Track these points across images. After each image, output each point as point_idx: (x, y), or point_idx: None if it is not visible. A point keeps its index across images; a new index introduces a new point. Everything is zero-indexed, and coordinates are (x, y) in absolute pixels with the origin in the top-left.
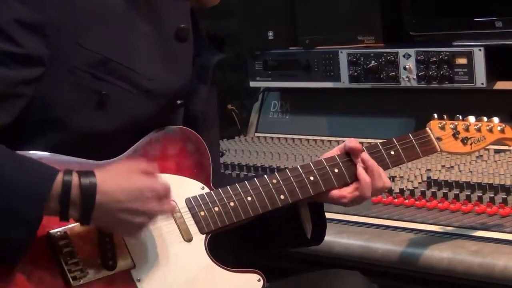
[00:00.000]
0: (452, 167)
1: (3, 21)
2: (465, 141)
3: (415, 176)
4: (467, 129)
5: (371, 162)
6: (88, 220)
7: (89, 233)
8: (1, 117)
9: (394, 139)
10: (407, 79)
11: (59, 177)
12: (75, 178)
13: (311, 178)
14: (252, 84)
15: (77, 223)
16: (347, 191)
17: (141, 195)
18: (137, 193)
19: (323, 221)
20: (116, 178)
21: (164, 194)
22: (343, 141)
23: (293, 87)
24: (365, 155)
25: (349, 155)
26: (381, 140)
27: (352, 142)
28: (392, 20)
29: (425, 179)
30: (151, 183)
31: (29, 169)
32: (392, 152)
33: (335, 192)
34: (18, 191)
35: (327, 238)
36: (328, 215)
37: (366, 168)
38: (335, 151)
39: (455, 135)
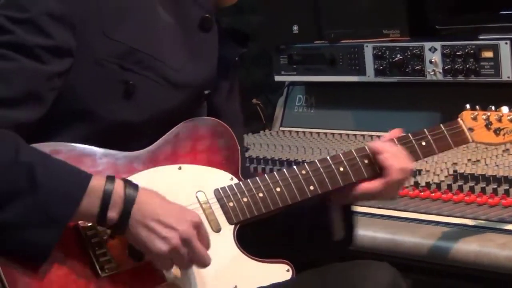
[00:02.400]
0: (478, 160)
1: (35, 14)
2: (498, 132)
3: (442, 170)
4: (499, 120)
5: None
6: (125, 224)
7: None
8: (34, 112)
9: (425, 129)
10: (433, 72)
11: (98, 180)
12: (119, 183)
13: (341, 168)
14: (277, 78)
15: (112, 228)
16: (374, 184)
17: (178, 213)
18: (175, 211)
19: (351, 225)
20: (159, 194)
21: (199, 225)
22: (369, 135)
23: (318, 81)
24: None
25: None
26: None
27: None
28: (417, 14)
29: (451, 172)
30: (191, 210)
31: (64, 172)
32: (423, 143)
33: (364, 185)
34: (50, 193)
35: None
36: (354, 208)
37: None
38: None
39: (488, 125)
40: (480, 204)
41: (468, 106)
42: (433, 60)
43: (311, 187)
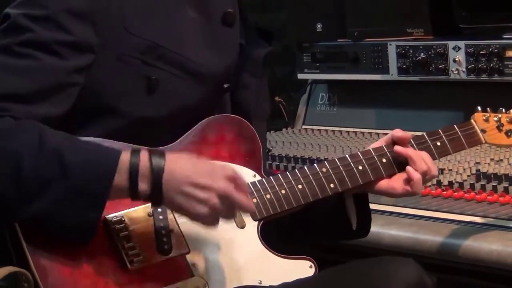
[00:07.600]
0: (501, 160)
1: (54, 11)
2: (509, 134)
3: (464, 169)
4: (510, 122)
5: (416, 156)
6: (159, 194)
7: (145, 218)
8: (57, 107)
9: (440, 130)
10: (456, 71)
11: (125, 155)
12: (144, 154)
13: (360, 167)
14: (300, 76)
15: (148, 202)
16: (397, 183)
17: (210, 171)
18: (206, 169)
19: (368, 213)
20: (186, 156)
21: (234, 177)
22: None
23: (341, 79)
24: (410, 150)
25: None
26: None
27: (399, 132)
28: (441, 13)
29: (474, 172)
30: (223, 164)
31: (92, 150)
32: (438, 143)
33: (384, 183)
34: (82, 174)
35: (376, 229)
36: (377, 206)
37: (414, 162)
38: (381, 142)
39: (499, 127)
40: (502, 203)
41: (479, 108)
42: (456, 59)
43: (332, 185)
